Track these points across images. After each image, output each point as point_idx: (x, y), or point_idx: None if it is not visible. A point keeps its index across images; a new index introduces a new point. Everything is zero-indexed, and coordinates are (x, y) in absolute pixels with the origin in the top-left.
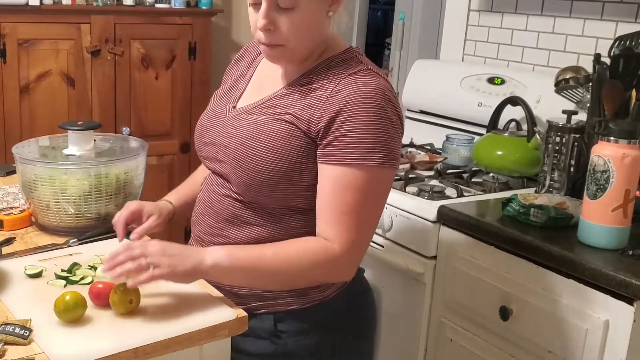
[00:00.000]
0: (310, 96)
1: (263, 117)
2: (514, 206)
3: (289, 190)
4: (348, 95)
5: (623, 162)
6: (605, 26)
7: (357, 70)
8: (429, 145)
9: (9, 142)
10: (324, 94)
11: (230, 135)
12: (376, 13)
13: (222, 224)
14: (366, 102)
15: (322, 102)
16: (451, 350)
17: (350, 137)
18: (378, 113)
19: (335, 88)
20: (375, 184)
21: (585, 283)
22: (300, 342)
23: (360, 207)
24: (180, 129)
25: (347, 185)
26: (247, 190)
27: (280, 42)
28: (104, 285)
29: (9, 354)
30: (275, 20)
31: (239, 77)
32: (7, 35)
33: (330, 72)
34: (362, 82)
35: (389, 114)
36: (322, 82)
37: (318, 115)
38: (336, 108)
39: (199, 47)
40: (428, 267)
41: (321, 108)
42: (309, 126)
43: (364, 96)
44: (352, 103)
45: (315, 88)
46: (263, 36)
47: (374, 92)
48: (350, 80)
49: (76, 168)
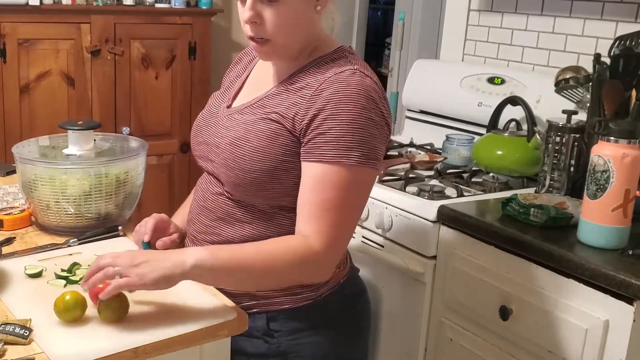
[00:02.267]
0: (296, 95)
1: (252, 117)
2: (514, 206)
3: (276, 189)
4: (331, 94)
5: (623, 162)
6: (605, 26)
7: (344, 70)
8: (429, 145)
9: (9, 142)
10: (308, 92)
11: (221, 135)
12: (376, 13)
13: (216, 222)
14: (348, 101)
15: (306, 100)
16: (451, 350)
17: (329, 134)
18: (360, 112)
19: (320, 87)
20: (353, 183)
21: (585, 283)
22: (293, 341)
23: (339, 205)
24: (180, 129)
25: (325, 183)
26: (236, 189)
27: (267, 36)
28: (105, 285)
29: (9, 353)
30: (261, 13)
31: (235, 77)
32: (7, 35)
33: (318, 71)
34: (347, 82)
35: (372, 114)
36: (309, 80)
37: (302, 114)
38: (318, 106)
39: (199, 47)
40: (428, 267)
41: (305, 106)
42: (293, 124)
43: (347, 95)
44: (335, 101)
45: (301, 87)
46: (250, 30)
47: (357, 91)
48: (336, 79)
49: (76, 168)
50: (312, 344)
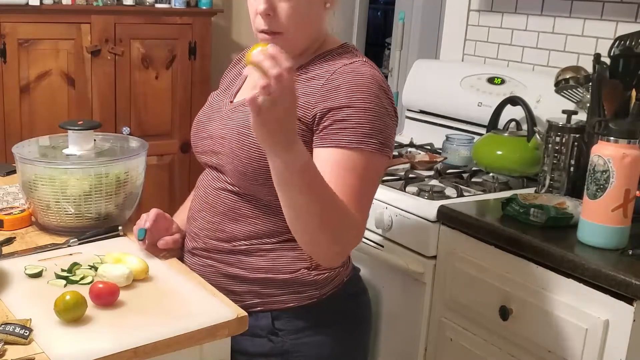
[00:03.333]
0: (306, 85)
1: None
2: (514, 206)
3: None
4: (345, 83)
5: (623, 162)
6: (605, 26)
7: (353, 61)
8: (429, 145)
9: (9, 142)
10: (319, 82)
11: (227, 127)
12: (376, 13)
13: (218, 217)
14: (364, 89)
15: (317, 89)
16: (451, 350)
17: (348, 121)
18: (375, 101)
19: (331, 77)
20: (370, 170)
21: (585, 283)
22: (296, 340)
23: (360, 190)
24: (180, 128)
25: (346, 168)
26: (242, 179)
27: (280, 30)
28: (105, 285)
29: (9, 353)
30: (275, 6)
31: (235, 76)
32: (7, 35)
33: (326, 64)
34: (359, 72)
35: (385, 103)
36: (318, 71)
37: (314, 101)
38: (333, 95)
39: (199, 47)
40: (428, 267)
41: (317, 95)
42: (304, 112)
43: (362, 84)
44: (351, 90)
45: (310, 77)
46: (262, 22)
47: (370, 81)
48: (346, 69)
49: (76, 168)
50: (315, 343)
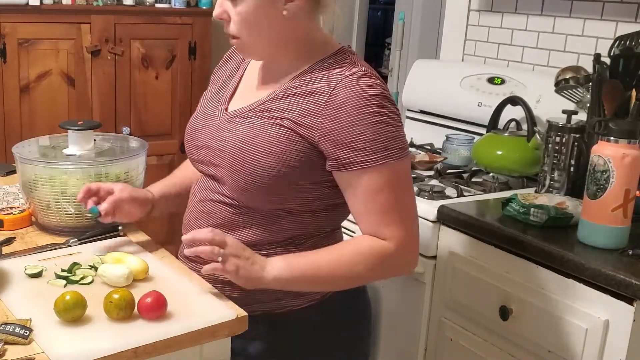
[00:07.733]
0: (307, 100)
1: (259, 121)
2: (514, 206)
3: (285, 194)
4: (348, 100)
5: (623, 162)
6: (605, 26)
7: (352, 73)
8: (429, 145)
9: (9, 142)
10: (321, 99)
11: (225, 139)
12: (376, 13)
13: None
14: (369, 104)
15: (321, 107)
16: (451, 350)
17: (362, 141)
18: (381, 112)
19: (333, 92)
20: (399, 177)
21: (585, 283)
22: (296, 343)
23: (396, 202)
24: (180, 128)
25: (376, 188)
26: (243, 194)
27: (235, 34)
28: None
29: (9, 353)
30: (227, 11)
31: (228, 77)
32: (7, 35)
33: (325, 74)
34: (360, 85)
35: (389, 111)
36: (317, 84)
37: (319, 122)
38: (338, 114)
39: (199, 47)
40: (428, 267)
41: (322, 115)
42: (311, 132)
43: (365, 99)
44: (354, 107)
45: (311, 91)
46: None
47: (373, 93)
48: (347, 83)
49: (76, 168)
50: (315, 344)
